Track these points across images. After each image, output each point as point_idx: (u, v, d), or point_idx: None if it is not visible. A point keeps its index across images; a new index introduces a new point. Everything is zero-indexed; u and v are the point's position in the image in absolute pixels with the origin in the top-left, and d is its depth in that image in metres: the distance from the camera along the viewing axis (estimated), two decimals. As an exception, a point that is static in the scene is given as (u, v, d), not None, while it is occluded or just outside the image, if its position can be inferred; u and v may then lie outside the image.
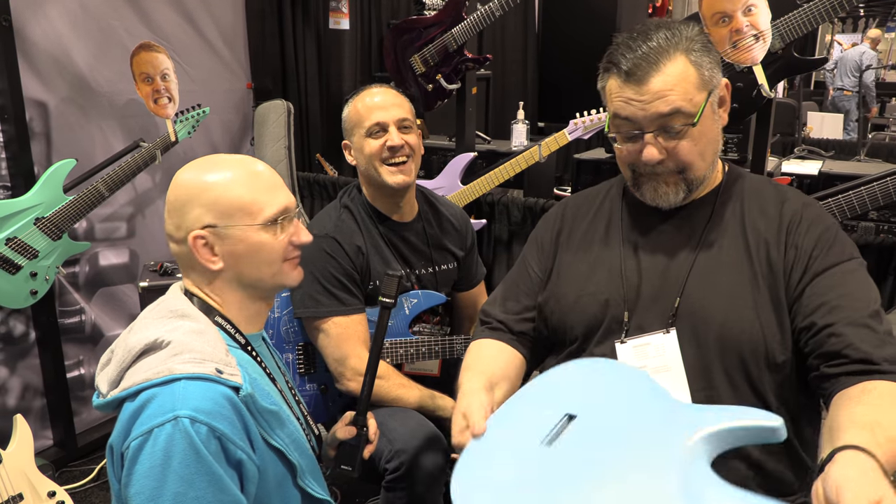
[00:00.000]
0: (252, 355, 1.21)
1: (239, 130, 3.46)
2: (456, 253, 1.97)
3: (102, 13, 2.68)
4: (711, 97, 1.21)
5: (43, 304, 2.48)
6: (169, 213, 1.17)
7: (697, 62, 1.19)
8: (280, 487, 1.15)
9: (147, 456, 0.99)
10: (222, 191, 1.14)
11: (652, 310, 1.27)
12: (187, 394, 1.01)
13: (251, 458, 1.06)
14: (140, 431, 1.00)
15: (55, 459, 2.62)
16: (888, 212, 2.26)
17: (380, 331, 1.40)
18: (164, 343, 1.07)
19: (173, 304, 1.16)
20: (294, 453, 1.16)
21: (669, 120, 1.18)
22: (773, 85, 2.08)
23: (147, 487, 0.99)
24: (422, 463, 1.58)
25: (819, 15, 2.00)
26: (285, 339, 1.84)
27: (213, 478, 1.00)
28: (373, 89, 1.84)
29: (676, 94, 1.17)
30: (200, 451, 0.99)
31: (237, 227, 1.14)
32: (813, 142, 5.03)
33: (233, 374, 1.07)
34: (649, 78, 1.17)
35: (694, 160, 1.22)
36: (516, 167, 2.70)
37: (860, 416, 1.01)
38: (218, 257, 1.15)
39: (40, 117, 2.54)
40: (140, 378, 1.04)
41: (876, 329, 1.11)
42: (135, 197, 2.92)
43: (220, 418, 1.02)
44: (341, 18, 3.85)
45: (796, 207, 1.25)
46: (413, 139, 1.81)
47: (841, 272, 1.17)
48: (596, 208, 1.43)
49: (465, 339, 1.83)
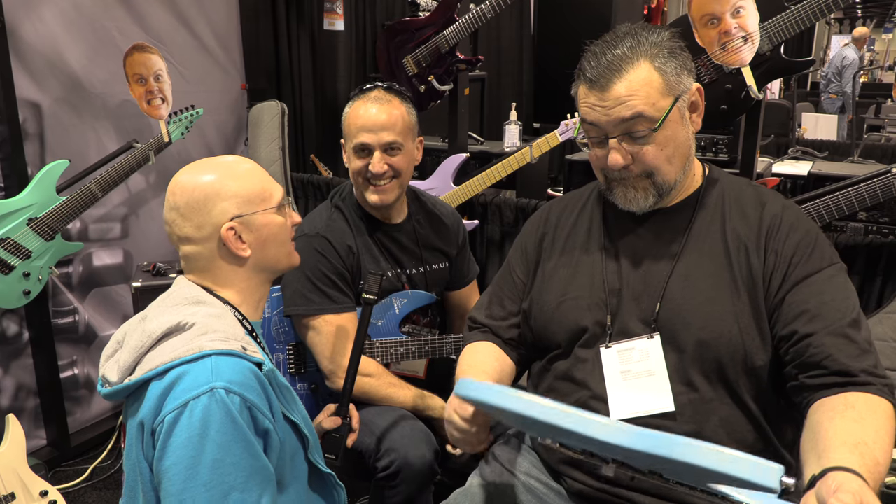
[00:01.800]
0: (258, 342, 1.26)
1: (233, 131, 3.46)
2: (447, 252, 1.97)
3: (96, 14, 2.69)
4: (679, 102, 1.22)
5: (36, 305, 2.49)
6: (184, 216, 1.21)
7: (662, 68, 1.20)
8: (293, 459, 1.22)
9: (184, 427, 1.03)
10: (241, 183, 1.23)
11: (634, 314, 1.28)
12: (219, 367, 1.07)
13: (275, 428, 1.13)
14: (175, 406, 1.05)
15: (48, 459, 2.63)
16: (877, 212, 2.28)
17: (362, 326, 1.45)
18: (188, 325, 1.13)
19: (187, 292, 1.21)
20: (305, 428, 1.24)
21: (632, 125, 1.20)
22: (761, 86, 2.09)
23: (185, 457, 1.03)
24: (412, 462, 1.59)
25: (807, 16, 2.01)
26: (276, 339, 1.85)
27: (248, 444, 1.06)
28: (370, 100, 1.75)
29: (638, 98, 1.18)
30: (236, 419, 1.05)
31: (259, 213, 1.24)
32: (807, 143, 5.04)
33: (254, 351, 1.14)
34: (612, 84, 1.19)
35: (660, 165, 1.23)
36: (508, 168, 2.71)
37: (845, 434, 1.03)
38: (246, 245, 1.23)
39: (34, 118, 2.54)
40: (167, 357, 1.09)
41: (854, 339, 1.12)
42: (128, 198, 2.92)
43: (250, 389, 1.08)
44: (336, 19, 3.85)
45: (776, 211, 1.26)
46: (399, 161, 1.76)
47: (821, 279, 1.18)
48: (578, 212, 1.44)
49: (455, 338, 1.83)
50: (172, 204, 1.22)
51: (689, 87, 1.24)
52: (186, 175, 1.23)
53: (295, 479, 1.23)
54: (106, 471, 2.65)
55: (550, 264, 1.41)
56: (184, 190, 1.21)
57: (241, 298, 1.27)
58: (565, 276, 1.38)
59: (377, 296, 1.48)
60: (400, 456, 1.59)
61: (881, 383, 1.11)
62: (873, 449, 1.01)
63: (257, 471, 1.08)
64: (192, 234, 1.21)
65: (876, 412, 1.09)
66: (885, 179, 2.02)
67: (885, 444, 1.05)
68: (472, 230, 2.86)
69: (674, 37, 1.25)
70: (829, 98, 8.14)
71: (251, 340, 1.19)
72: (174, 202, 1.22)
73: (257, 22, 3.49)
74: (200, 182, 1.21)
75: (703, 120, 1.30)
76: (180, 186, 1.22)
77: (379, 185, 1.76)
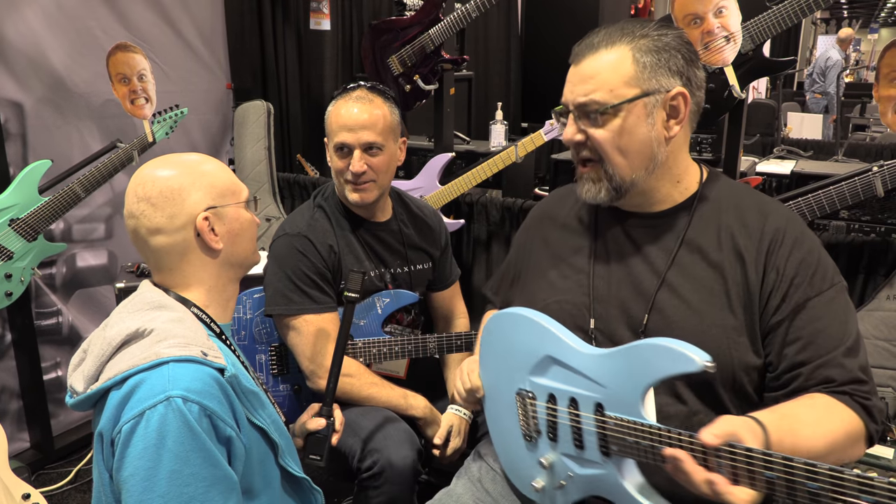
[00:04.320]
0: (227, 344, 1.24)
1: (218, 131, 3.45)
2: (431, 253, 1.97)
3: (79, 13, 2.67)
4: (647, 99, 1.18)
5: (19, 306, 2.47)
6: (155, 206, 1.18)
7: (639, 59, 1.18)
8: (262, 465, 1.19)
9: (140, 437, 1.01)
10: (213, 175, 1.23)
11: (622, 321, 1.26)
12: (176, 375, 1.04)
13: (238, 436, 1.10)
14: (131, 415, 1.02)
15: (32, 462, 2.61)
16: (859, 211, 2.29)
17: (345, 325, 1.44)
18: (147, 332, 1.10)
19: (148, 296, 1.19)
20: (275, 433, 1.20)
21: (585, 103, 1.20)
22: (743, 85, 2.10)
23: (142, 468, 1.01)
24: (395, 462, 1.59)
25: (788, 16, 2.02)
26: (258, 340, 1.85)
27: (207, 454, 1.03)
28: (352, 99, 1.75)
29: (599, 80, 1.18)
30: (194, 429, 1.02)
31: (230, 205, 1.24)
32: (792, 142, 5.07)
33: (216, 356, 1.11)
34: (583, 60, 1.21)
35: (608, 151, 1.21)
36: (493, 167, 2.71)
37: (783, 407, 1.07)
38: (218, 237, 1.22)
39: (16, 118, 2.52)
40: (125, 366, 1.06)
41: (848, 367, 1.12)
42: (112, 198, 2.90)
43: (209, 397, 1.05)
44: (322, 19, 3.84)
45: (779, 224, 1.21)
46: (379, 161, 1.75)
47: (820, 304, 1.16)
48: (568, 210, 1.43)
49: (438, 338, 1.83)
50: (141, 195, 1.18)
51: (668, 88, 1.18)
52: (154, 167, 1.21)
53: (267, 486, 1.21)
54: (89, 473, 2.62)
55: (542, 265, 1.41)
56: (155, 181, 1.19)
57: (208, 298, 1.24)
58: (553, 277, 1.37)
59: (360, 294, 1.47)
60: (383, 457, 1.59)
61: (862, 395, 1.11)
62: (800, 422, 1.03)
63: (219, 480, 1.05)
64: (163, 224, 1.18)
65: (832, 411, 1.09)
66: (866, 178, 2.03)
67: (817, 431, 1.05)
68: (459, 230, 2.86)
69: (681, 40, 1.22)
70: (815, 98, 8.19)
71: (215, 344, 1.16)
72: (143, 193, 1.18)
73: (242, 21, 3.48)
74: (173, 173, 1.20)
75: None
76: (150, 178, 1.19)
77: (359, 184, 1.76)
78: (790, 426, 1.03)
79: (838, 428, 1.08)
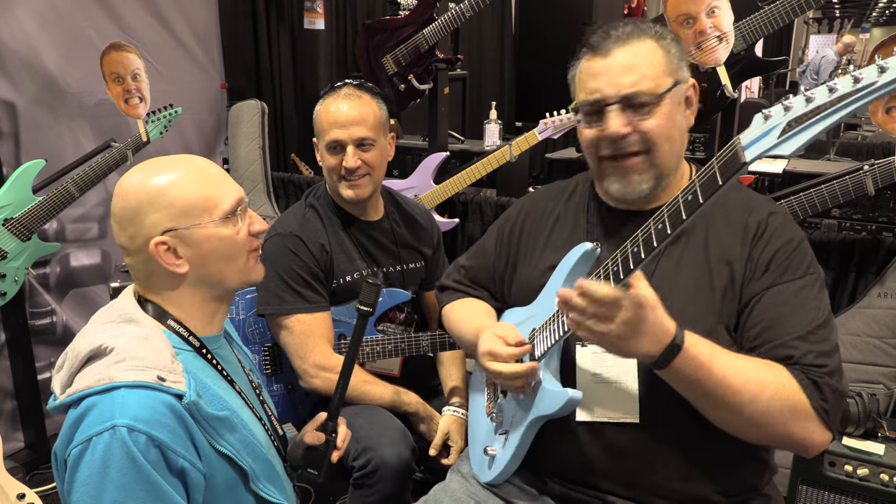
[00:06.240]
0: (207, 358, 1.19)
1: (212, 130, 3.45)
2: (424, 251, 1.98)
3: (72, 13, 2.67)
4: (678, 87, 1.20)
5: (13, 306, 2.46)
6: (120, 225, 1.12)
7: (667, 48, 1.20)
8: (231, 493, 1.13)
9: (86, 465, 0.99)
10: (176, 192, 1.11)
11: None
12: (126, 402, 1.00)
13: (195, 465, 1.05)
14: (80, 439, 1.00)
15: (26, 462, 2.61)
16: (850, 209, 2.31)
17: (356, 337, 1.37)
18: (108, 350, 1.06)
19: (122, 308, 1.15)
20: (246, 458, 1.14)
21: (634, 94, 1.17)
22: (736, 85, 2.12)
23: (86, 496, 0.99)
24: (389, 460, 1.59)
25: (780, 16, 2.04)
26: (251, 340, 1.85)
27: (152, 487, 1.00)
28: (340, 97, 1.77)
29: (642, 69, 1.17)
30: (138, 460, 0.98)
31: (198, 225, 1.12)
32: (785, 141, 5.09)
33: (176, 381, 1.05)
34: (616, 51, 1.19)
35: (659, 140, 1.19)
36: (487, 167, 2.72)
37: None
38: (183, 260, 1.13)
39: (9, 118, 2.52)
40: (83, 385, 1.03)
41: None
42: (106, 198, 2.90)
43: (159, 427, 1.01)
44: (316, 18, 3.84)
45: (761, 217, 1.22)
46: (372, 156, 1.76)
47: (788, 290, 1.16)
48: (562, 206, 1.43)
49: (431, 336, 1.84)
50: (113, 210, 1.13)
51: (688, 79, 1.23)
52: (128, 178, 1.13)
53: None
54: (84, 473, 2.63)
55: (533, 259, 1.41)
56: (119, 196, 1.12)
57: (185, 314, 1.18)
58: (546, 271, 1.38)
59: (374, 306, 1.38)
60: (377, 455, 1.59)
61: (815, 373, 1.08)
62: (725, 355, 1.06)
63: None
64: (126, 244, 1.13)
65: (770, 367, 1.09)
66: (857, 177, 2.05)
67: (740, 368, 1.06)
68: (453, 229, 2.87)
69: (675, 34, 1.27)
70: (808, 96, 8.21)
71: (180, 366, 1.08)
72: (113, 208, 1.13)
73: (236, 20, 3.48)
74: (134, 189, 1.11)
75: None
76: (122, 190, 1.13)
77: (353, 180, 1.76)
78: (712, 347, 1.06)
79: (766, 379, 1.07)
